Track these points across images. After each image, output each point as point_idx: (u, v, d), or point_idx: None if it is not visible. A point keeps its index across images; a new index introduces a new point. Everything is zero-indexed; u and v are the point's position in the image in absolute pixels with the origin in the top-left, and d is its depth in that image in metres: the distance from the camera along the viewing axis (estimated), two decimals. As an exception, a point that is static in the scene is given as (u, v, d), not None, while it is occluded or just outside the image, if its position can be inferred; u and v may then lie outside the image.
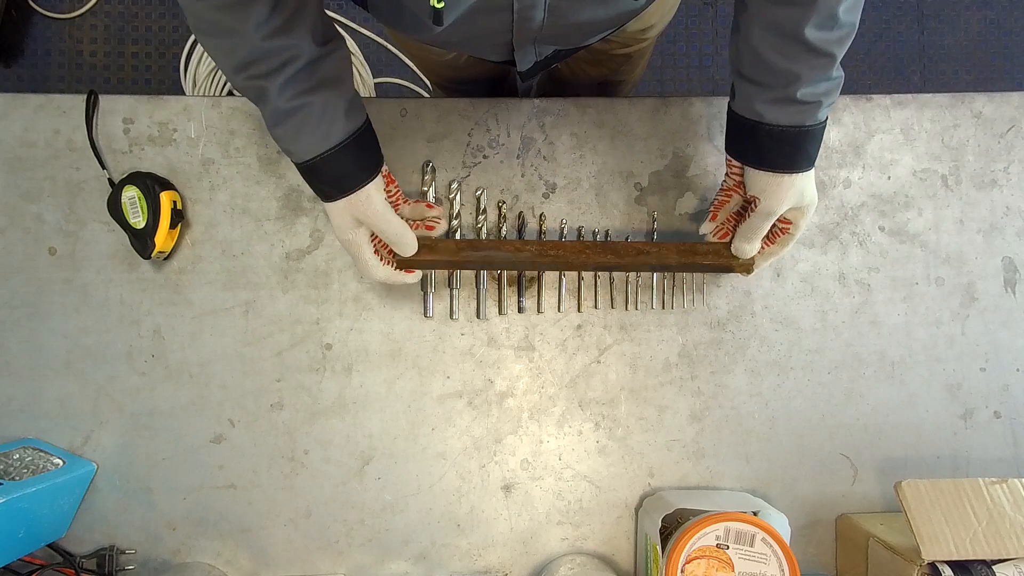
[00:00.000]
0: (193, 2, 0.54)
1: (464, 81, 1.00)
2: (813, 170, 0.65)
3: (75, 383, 0.76)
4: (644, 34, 0.84)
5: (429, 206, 0.70)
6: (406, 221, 0.68)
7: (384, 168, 0.66)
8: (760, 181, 0.64)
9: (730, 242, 0.70)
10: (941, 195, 0.81)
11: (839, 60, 0.59)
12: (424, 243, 0.68)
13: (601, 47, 0.88)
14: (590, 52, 0.91)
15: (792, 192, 0.64)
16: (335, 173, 0.62)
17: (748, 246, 0.68)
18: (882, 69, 1.70)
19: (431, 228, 0.70)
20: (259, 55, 0.56)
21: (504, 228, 0.78)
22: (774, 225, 0.68)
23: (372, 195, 0.63)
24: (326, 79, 0.59)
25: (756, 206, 0.65)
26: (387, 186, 0.67)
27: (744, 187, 0.67)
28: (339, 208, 0.63)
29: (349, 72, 0.63)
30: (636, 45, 0.87)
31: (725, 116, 0.66)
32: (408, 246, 0.67)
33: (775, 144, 0.62)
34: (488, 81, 1.03)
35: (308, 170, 0.62)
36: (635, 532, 0.78)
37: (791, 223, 0.68)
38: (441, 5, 0.49)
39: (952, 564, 0.65)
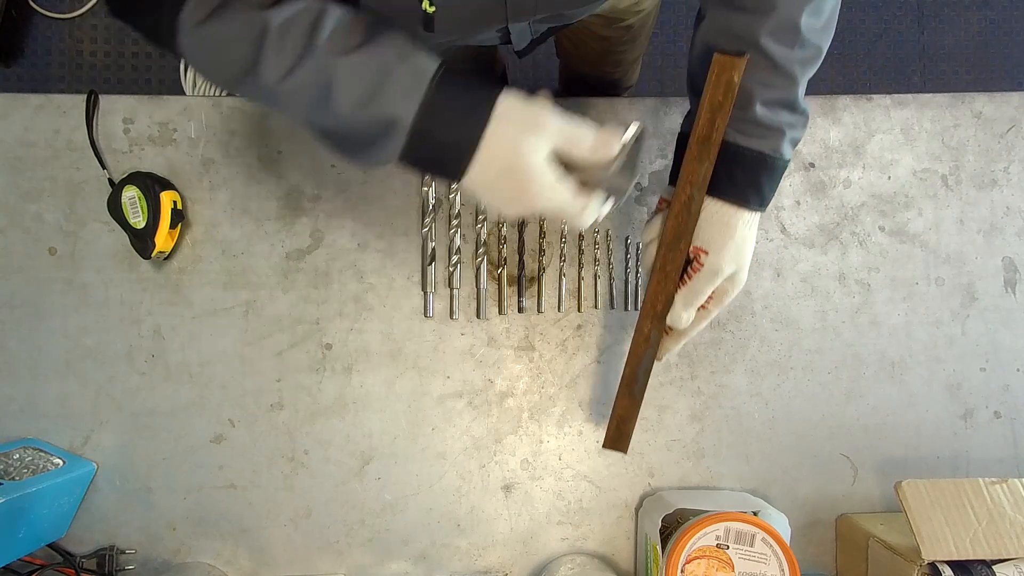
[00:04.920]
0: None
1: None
2: (756, 223, 0.59)
3: (75, 383, 0.76)
4: (638, 5, 0.85)
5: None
6: None
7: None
8: (707, 218, 0.58)
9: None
10: (941, 195, 0.81)
11: (801, 87, 0.56)
12: None
13: (599, 22, 0.89)
14: (590, 28, 0.92)
15: (734, 241, 0.58)
16: (450, 116, 0.47)
17: (686, 313, 0.61)
18: (882, 69, 1.70)
19: None
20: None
21: (504, 228, 0.78)
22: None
23: (526, 102, 0.48)
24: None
25: (701, 261, 0.59)
26: None
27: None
28: (481, 162, 0.47)
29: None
30: (632, 18, 0.88)
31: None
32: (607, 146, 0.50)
33: (727, 167, 0.57)
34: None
35: (418, 136, 0.46)
36: (635, 532, 0.78)
37: (718, 293, 0.61)
38: (433, 9, 0.47)
39: (952, 564, 0.65)
